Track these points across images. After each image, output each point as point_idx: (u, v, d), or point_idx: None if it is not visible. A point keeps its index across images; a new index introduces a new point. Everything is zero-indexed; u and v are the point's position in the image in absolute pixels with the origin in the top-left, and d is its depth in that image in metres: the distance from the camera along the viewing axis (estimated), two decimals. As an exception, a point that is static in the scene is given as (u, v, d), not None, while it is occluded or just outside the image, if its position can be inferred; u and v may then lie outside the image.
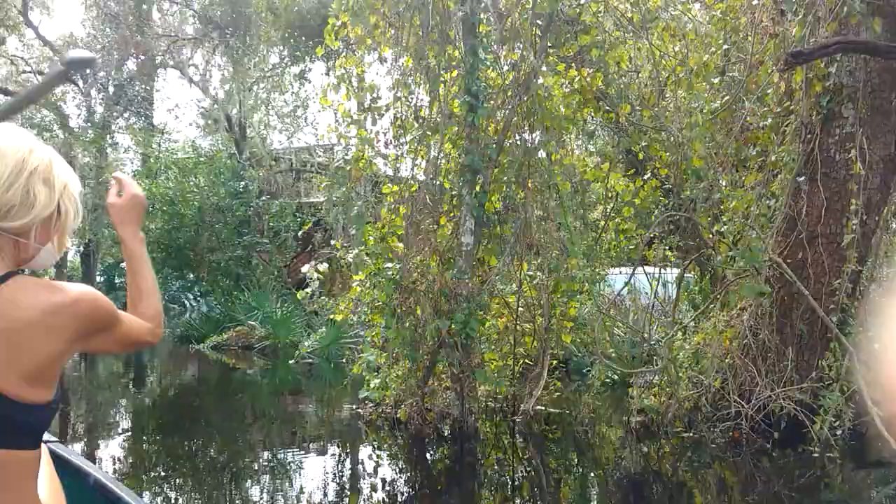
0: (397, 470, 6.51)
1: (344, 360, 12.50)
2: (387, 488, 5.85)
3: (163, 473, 6.30)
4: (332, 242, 7.77)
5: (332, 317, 7.71)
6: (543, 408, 7.80)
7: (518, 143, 7.07)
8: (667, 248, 8.72)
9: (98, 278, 28.40)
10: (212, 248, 17.64)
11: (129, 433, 8.17)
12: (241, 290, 17.16)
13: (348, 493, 5.69)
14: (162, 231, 17.40)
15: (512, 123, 7.09)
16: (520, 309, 7.63)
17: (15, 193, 1.36)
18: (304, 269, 7.67)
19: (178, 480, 6.12)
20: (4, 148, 1.38)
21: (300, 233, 16.31)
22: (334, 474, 6.27)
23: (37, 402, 1.35)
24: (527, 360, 7.93)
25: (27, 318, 1.32)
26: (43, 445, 1.53)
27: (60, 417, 8.01)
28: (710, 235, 7.05)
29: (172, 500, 5.60)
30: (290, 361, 9.53)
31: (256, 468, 6.45)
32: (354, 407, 7.94)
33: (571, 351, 9.47)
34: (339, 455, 6.94)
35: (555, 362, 7.88)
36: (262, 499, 5.55)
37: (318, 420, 8.55)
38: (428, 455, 6.77)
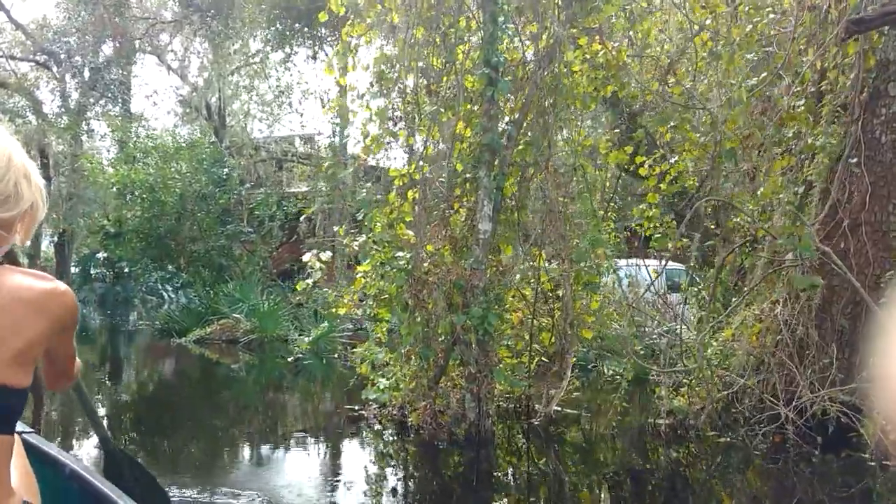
0: (408, 478, 5.90)
1: (336, 357, 11.89)
2: (397, 499, 5.26)
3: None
4: (335, 229, 7.11)
5: (333, 310, 7.07)
6: (560, 409, 7.25)
7: (539, 121, 6.47)
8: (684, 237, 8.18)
9: (73, 269, 27.46)
10: (193, 238, 16.88)
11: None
12: (225, 282, 16.48)
13: (358, 506, 5.10)
14: (141, 219, 16.61)
15: (532, 100, 6.49)
16: (536, 302, 7.04)
17: (7, 186, 1.40)
18: (306, 257, 7.03)
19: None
20: None
21: (302, 218, 15.60)
22: (339, 483, 5.65)
23: (15, 386, 1.37)
24: (542, 358, 7.36)
25: (15, 304, 1.36)
26: (17, 436, 1.59)
27: (36, 409, 7.74)
28: (748, 223, 6.50)
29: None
30: (289, 359, 8.80)
31: (248, 473, 5.83)
32: (357, 408, 7.31)
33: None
34: (344, 462, 6.31)
35: (575, 360, 7.31)
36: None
37: (316, 422, 7.91)
38: (441, 461, 6.16)
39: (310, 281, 7.13)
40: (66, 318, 1.46)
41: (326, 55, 21.58)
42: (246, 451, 6.73)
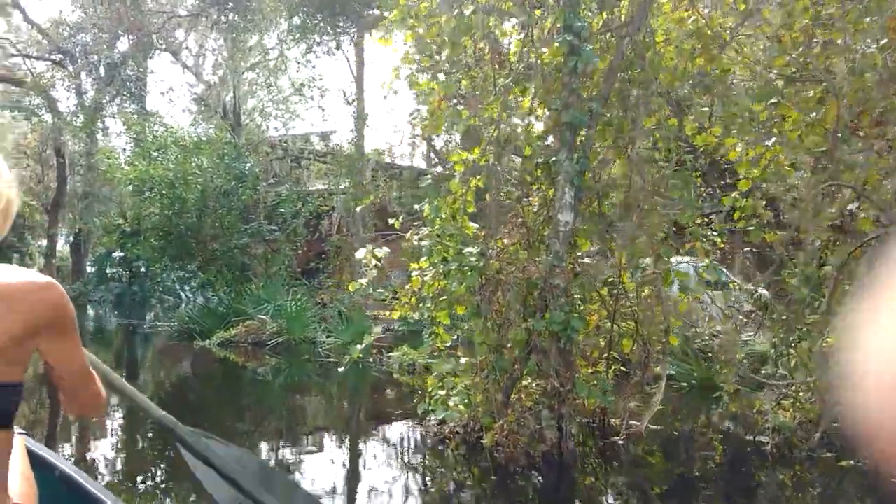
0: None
1: (371, 361, 11.10)
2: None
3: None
4: (391, 223, 6.32)
5: (390, 313, 6.27)
6: (639, 423, 6.41)
7: (628, 95, 5.63)
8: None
9: (89, 268, 26.88)
10: (214, 236, 16.13)
11: (118, 435, 7.01)
12: (247, 281, 15.74)
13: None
14: (161, 217, 15.85)
15: (615, 73, 5.66)
16: (615, 303, 6.20)
17: None
18: (359, 254, 6.24)
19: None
20: None
21: (363, 208, 14.87)
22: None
23: (8, 381, 1.35)
24: (621, 367, 6.53)
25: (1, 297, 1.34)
26: (17, 436, 1.62)
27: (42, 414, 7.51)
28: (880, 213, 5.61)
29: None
30: (340, 369, 7.93)
31: None
32: (413, 424, 6.50)
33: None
34: (411, 487, 5.49)
35: (658, 369, 6.46)
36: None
37: (366, 437, 7.08)
38: (518, 488, 5.34)
39: (363, 281, 6.33)
40: (49, 314, 1.38)
41: (344, 52, 20.96)
42: (292, 473, 5.94)
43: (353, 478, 5.66)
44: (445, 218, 5.67)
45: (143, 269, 23.02)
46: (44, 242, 29.44)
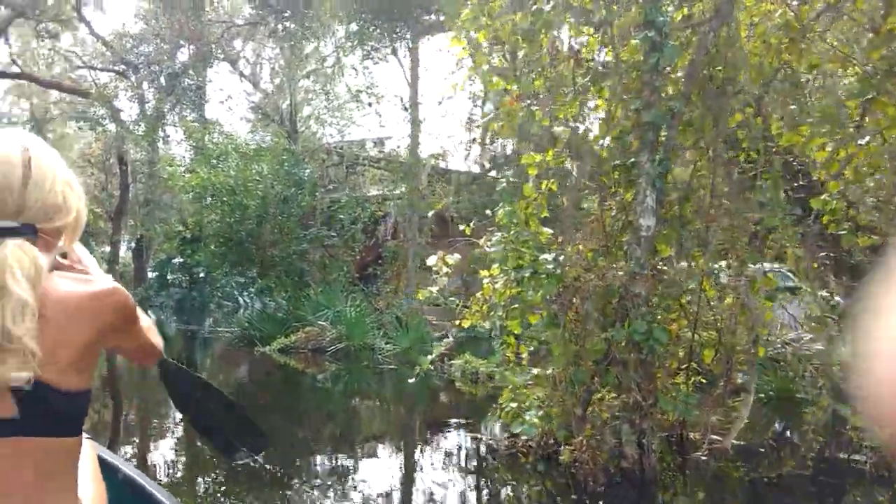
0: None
1: (432, 369, 10.92)
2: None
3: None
4: (462, 228, 6.14)
5: (461, 322, 6.08)
6: (719, 437, 6.08)
7: (710, 93, 5.34)
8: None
9: (150, 274, 27.42)
10: (273, 242, 16.23)
11: (179, 439, 7.09)
12: (306, 287, 15.77)
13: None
14: (222, 223, 16.01)
15: (698, 69, 5.37)
16: (696, 312, 5.89)
17: (56, 197, 1.43)
18: (430, 260, 6.07)
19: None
20: (41, 155, 1.44)
21: (419, 213, 14.90)
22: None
23: (77, 389, 1.39)
24: (701, 379, 6.21)
25: (60, 315, 1.36)
26: (86, 441, 1.67)
27: (106, 415, 7.65)
28: None
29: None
30: (410, 380, 7.72)
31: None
32: (481, 436, 6.30)
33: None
34: (479, 502, 5.29)
35: (741, 380, 6.12)
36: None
37: (434, 450, 6.88)
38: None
39: (434, 289, 6.16)
40: (116, 318, 1.44)
41: (398, 58, 20.94)
42: (360, 481, 5.79)
43: (424, 494, 5.49)
44: (519, 223, 5.46)
45: (202, 275, 23.35)
46: (107, 249, 30.18)
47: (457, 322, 6.30)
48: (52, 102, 31.98)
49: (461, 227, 6.21)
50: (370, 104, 21.91)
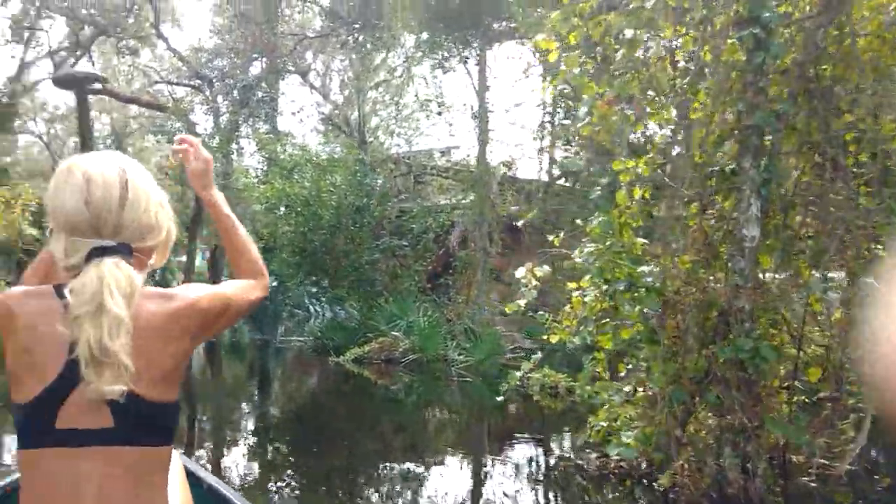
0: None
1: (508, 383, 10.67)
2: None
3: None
4: (550, 239, 5.91)
5: (548, 337, 5.86)
6: (827, 461, 5.66)
7: (817, 92, 4.99)
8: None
9: (225, 284, 27.99)
10: (346, 252, 16.30)
11: (256, 448, 7.19)
12: (378, 296, 15.74)
13: None
14: (296, 233, 16.17)
15: (807, 69, 5.03)
16: (801, 327, 5.51)
17: (150, 217, 1.49)
18: (518, 272, 5.89)
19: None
20: (137, 176, 1.50)
21: (488, 222, 14.84)
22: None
23: (168, 400, 1.45)
24: (805, 399, 5.81)
25: (156, 326, 1.42)
26: (175, 452, 1.76)
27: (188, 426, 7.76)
28: None
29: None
30: (498, 398, 7.35)
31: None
32: (569, 455, 6.04)
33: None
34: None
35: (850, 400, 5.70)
36: None
37: (521, 469, 6.59)
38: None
39: (522, 302, 5.96)
40: (199, 323, 1.50)
41: (466, 67, 20.83)
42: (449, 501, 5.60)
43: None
44: (614, 233, 5.20)
45: (274, 284, 23.64)
46: (183, 258, 30.98)
47: (544, 336, 6.05)
48: (132, 117, 33.07)
49: (549, 238, 5.99)
50: (439, 113, 21.87)
